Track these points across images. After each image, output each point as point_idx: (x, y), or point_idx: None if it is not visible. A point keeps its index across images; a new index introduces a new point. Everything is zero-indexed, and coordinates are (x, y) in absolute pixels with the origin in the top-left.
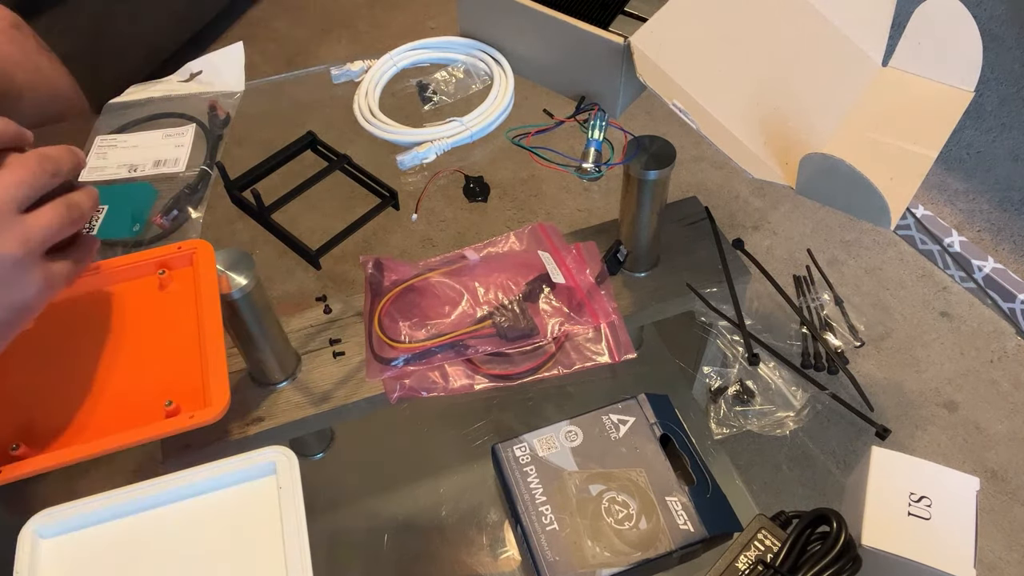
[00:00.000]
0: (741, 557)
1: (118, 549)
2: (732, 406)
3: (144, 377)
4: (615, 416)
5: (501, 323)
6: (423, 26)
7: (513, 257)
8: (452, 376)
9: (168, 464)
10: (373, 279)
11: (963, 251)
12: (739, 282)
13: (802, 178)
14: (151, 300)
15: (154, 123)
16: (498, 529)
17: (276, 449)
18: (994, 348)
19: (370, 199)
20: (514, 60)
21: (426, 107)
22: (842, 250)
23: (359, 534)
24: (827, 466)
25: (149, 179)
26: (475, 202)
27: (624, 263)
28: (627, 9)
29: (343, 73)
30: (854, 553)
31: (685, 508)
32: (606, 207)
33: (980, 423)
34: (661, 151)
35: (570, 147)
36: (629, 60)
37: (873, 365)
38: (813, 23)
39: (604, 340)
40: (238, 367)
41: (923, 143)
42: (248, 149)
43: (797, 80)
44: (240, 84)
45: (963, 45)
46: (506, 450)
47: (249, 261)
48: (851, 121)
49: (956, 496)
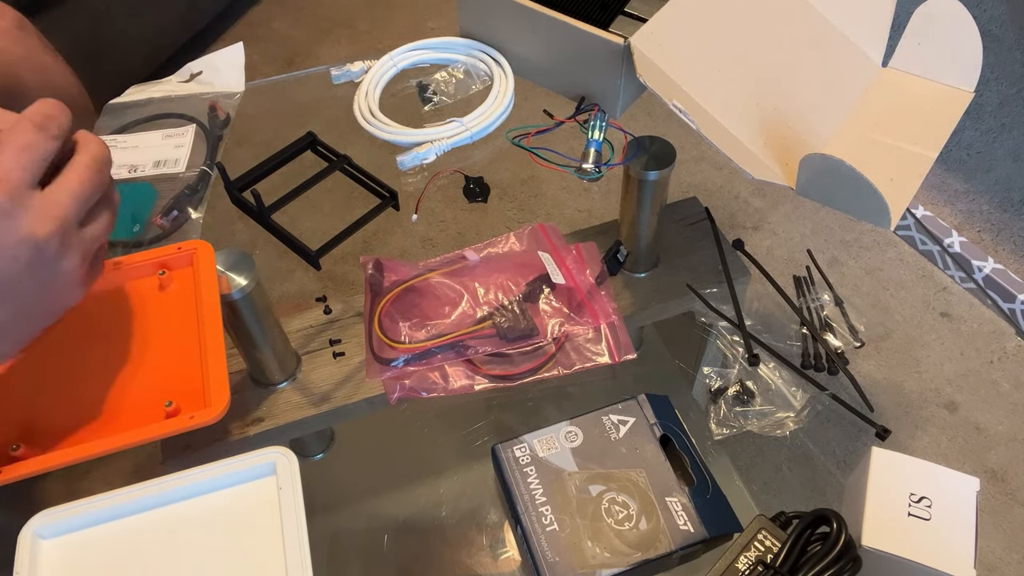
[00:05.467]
0: (741, 558)
1: (118, 549)
2: (732, 407)
3: (144, 378)
4: (615, 416)
5: (501, 323)
6: (423, 26)
7: (513, 257)
8: (452, 376)
9: (168, 465)
10: (373, 279)
11: (963, 251)
12: (739, 282)
13: (802, 179)
14: (151, 301)
15: (154, 123)
16: (498, 530)
17: (276, 449)
18: (994, 348)
19: (370, 199)
20: (514, 60)
21: (426, 107)
22: (842, 250)
23: (359, 534)
24: (827, 466)
25: (149, 179)
26: (475, 203)
27: (624, 263)
28: (627, 9)
29: (343, 73)
30: (854, 554)
31: (685, 509)
32: (606, 207)
33: (980, 424)
34: (661, 151)
35: (570, 148)
36: (629, 60)
37: (873, 365)
38: (813, 23)
39: (604, 340)
40: (238, 367)
41: (923, 143)
42: (248, 149)
43: (797, 80)
44: (240, 84)
45: (963, 45)
46: (506, 450)
47: (249, 261)
48: (851, 121)
49: (956, 497)
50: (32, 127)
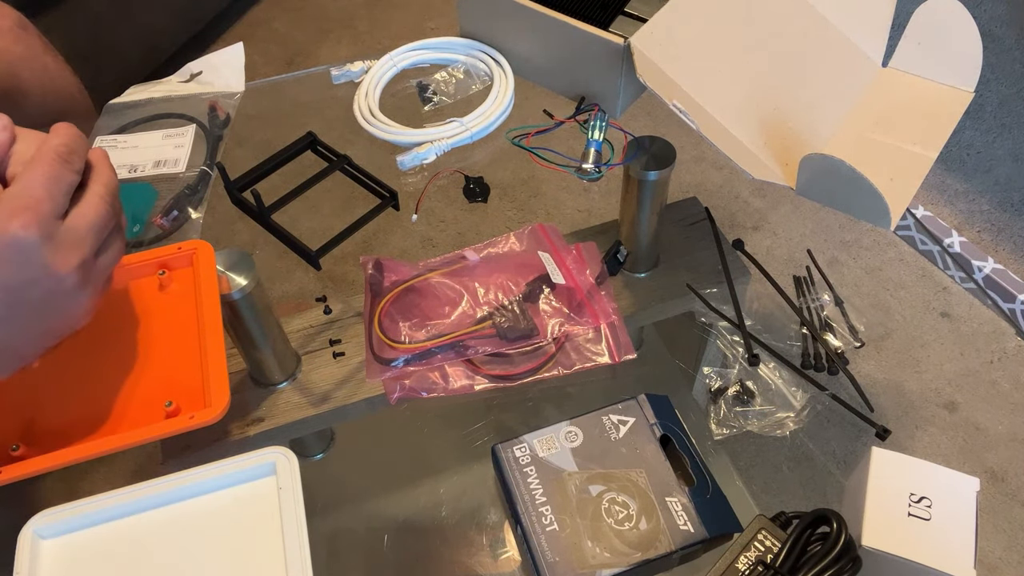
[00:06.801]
0: (741, 558)
1: (118, 550)
2: (732, 407)
3: (144, 378)
4: (615, 416)
5: (501, 324)
6: (423, 27)
7: (513, 257)
8: (452, 377)
9: (168, 465)
10: (373, 280)
11: (963, 252)
12: (739, 282)
13: (802, 179)
14: (151, 301)
15: (154, 124)
16: (498, 530)
17: (276, 449)
18: (994, 348)
19: (370, 199)
20: (514, 61)
21: (426, 107)
22: (842, 250)
23: (359, 534)
24: (827, 466)
25: (149, 180)
26: (475, 202)
27: (624, 263)
28: (627, 9)
29: (343, 74)
30: (854, 554)
31: (685, 509)
32: (606, 207)
33: (980, 423)
34: (661, 152)
35: (570, 148)
36: (629, 60)
37: (873, 366)
38: (813, 23)
39: (604, 341)
40: (238, 367)
41: (923, 143)
42: (248, 149)
43: (797, 80)
44: (240, 84)
45: (963, 45)
46: (506, 450)
47: (249, 261)
48: (851, 121)
49: (956, 497)
50: (58, 159)
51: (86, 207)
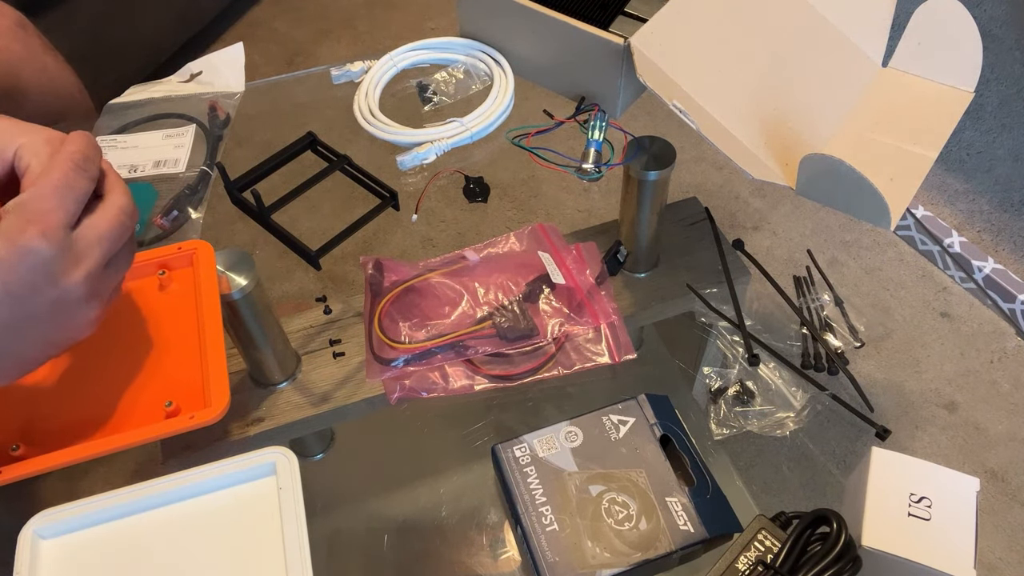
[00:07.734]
0: (741, 558)
1: (118, 550)
2: (732, 407)
3: (144, 378)
4: (615, 417)
5: (501, 324)
6: (423, 27)
7: (513, 258)
8: (452, 377)
9: (168, 465)
10: (373, 280)
11: (963, 252)
12: (739, 282)
13: (802, 179)
14: (151, 301)
15: (154, 124)
16: (498, 530)
17: (276, 449)
18: (994, 348)
19: (370, 199)
20: (514, 61)
21: (426, 107)
22: (842, 251)
23: (359, 534)
24: (827, 466)
25: (149, 180)
26: (475, 202)
27: (624, 263)
28: (627, 10)
29: (343, 74)
30: (854, 554)
31: (685, 509)
32: (606, 207)
33: (980, 424)
34: (661, 152)
35: (570, 148)
36: (629, 61)
37: (873, 366)
38: (813, 24)
39: (604, 341)
40: (238, 367)
41: (923, 143)
42: (248, 149)
43: (797, 80)
44: (240, 84)
45: (963, 45)
46: (506, 450)
47: (249, 261)
48: (851, 121)
49: (956, 497)
50: (72, 166)
51: (99, 219)
